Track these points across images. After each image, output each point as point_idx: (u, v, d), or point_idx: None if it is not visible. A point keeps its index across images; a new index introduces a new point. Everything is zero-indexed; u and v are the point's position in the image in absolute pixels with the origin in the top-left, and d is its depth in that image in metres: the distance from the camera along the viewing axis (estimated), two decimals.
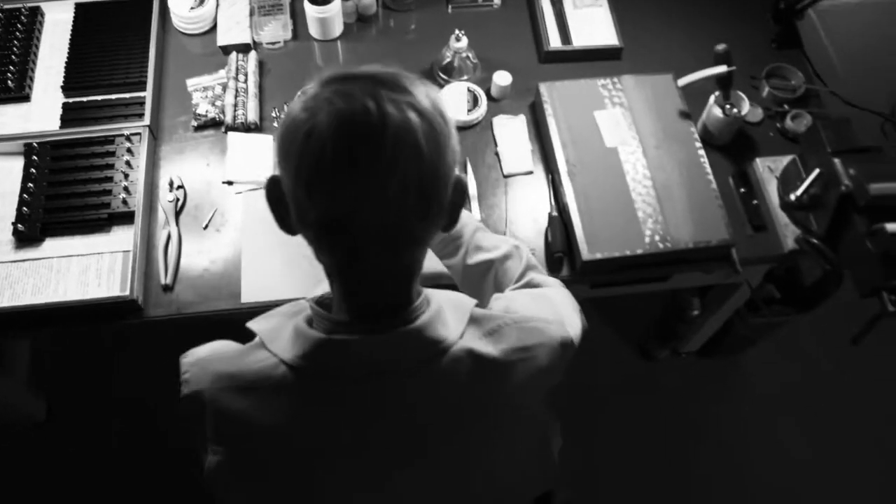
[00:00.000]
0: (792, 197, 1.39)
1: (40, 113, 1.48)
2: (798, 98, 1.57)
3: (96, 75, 1.51)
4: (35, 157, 1.39)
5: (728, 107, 1.44)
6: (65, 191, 1.37)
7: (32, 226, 1.33)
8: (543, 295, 0.98)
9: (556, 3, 1.67)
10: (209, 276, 1.33)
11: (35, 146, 1.41)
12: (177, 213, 1.39)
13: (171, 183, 1.41)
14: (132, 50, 1.54)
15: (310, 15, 1.57)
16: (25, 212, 1.34)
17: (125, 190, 1.37)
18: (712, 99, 1.46)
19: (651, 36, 1.67)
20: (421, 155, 0.66)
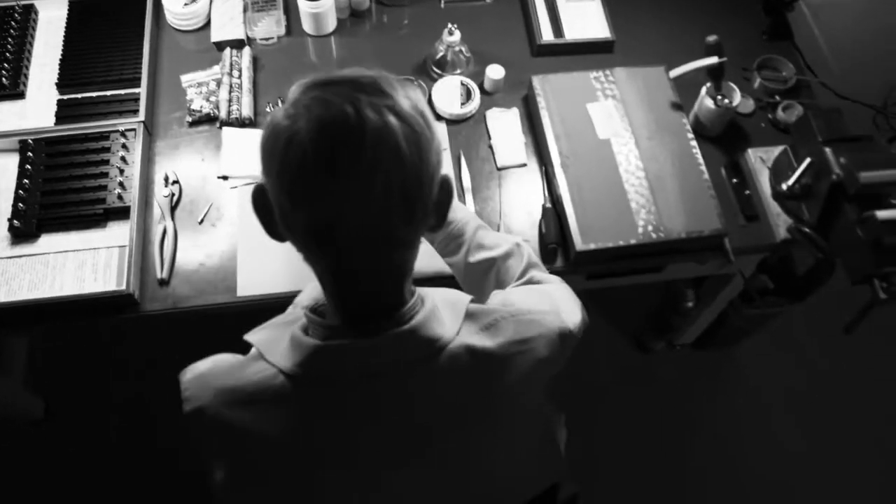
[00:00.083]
0: (784, 187, 1.40)
1: (35, 110, 1.49)
2: (789, 89, 1.58)
3: (91, 72, 1.52)
4: (30, 154, 1.40)
5: (720, 98, 1.45)
6: (60, 187, 1.38)
7: (28, 222, 1.34)
8: (541, 289, 0.99)
9: None
10: (205, 271, 1.34)
11: (30, 143, 1.41)
12: (172, 209, 1.39)
13: (167, 178, 1.41)
14: (126, 47, 1.55)
15: (303, 10, 1.58)
16: (21, 208, 1.35)
17: (120, 185, 1.38)
18: (704, 90, 1.47)
19: (643, 29, 1.68)
20: (402, 158, 0.66)
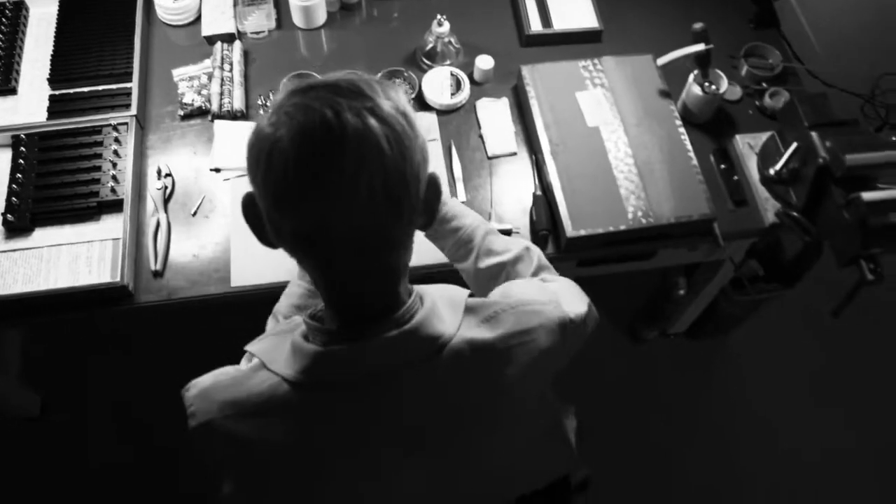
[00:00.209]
0: (771, 171, 1.41)
1: (27, 106, 1.49)
2: (776, 76, 1.59)
3: (82, 67, 1.52)
4: (23, 149, 1.41)
5: (707, 85, 1.46)
6: (54, 181, 1.39)
7: (22, 216, 1.34)
8: (541, 282, 0.99)
9: None
10: (199, 262, 1.35)
11: (23, 138, 1.42)
12: (165, 201, 1.40)
13: (160, 171, 1.42)
14: (117, 42, 1.56)
15: (293, 4, 1.59)
16: (15, 202, 1.35)
17: (113, 179, 1.38)
18: (691, 77, 1.48)
19: (630, 18, 1.69)
20: (384, 159, 0.66)
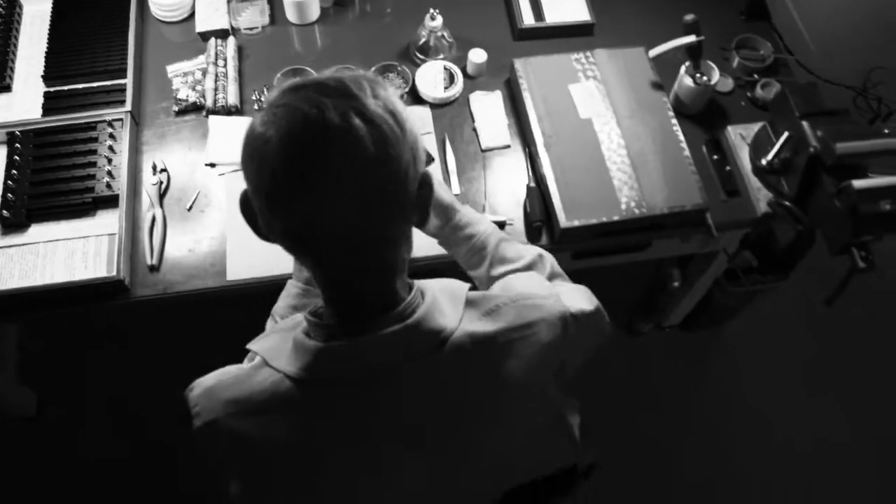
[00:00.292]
0: (763, 162, 1.42)
1: (22, 102, 1.50)
2: (767, 68, 1.60)
3: (77, 64, 1.53)
4: (18, 145, 1.41)
5: (698, 76, 1.47)
6: (49, 177, 1.39)
7: (18, 212, 1.35)
8: (543, 279, 0.98)
9: None
10: (194, 256, 1.35)
11: (18, 134, 1.42)
12: (161, 196, 1.41)
13: (155, 167, 1.43)
14: (111, 38, 1.56)
15: (286, 0, 1.59)
16: (10, 198, 1.36)
17: (109, 174, 1.39)
18: (683, 69, 1.49)
19: (622, 11, 1.70)
20: (369, 159, 0.66)
